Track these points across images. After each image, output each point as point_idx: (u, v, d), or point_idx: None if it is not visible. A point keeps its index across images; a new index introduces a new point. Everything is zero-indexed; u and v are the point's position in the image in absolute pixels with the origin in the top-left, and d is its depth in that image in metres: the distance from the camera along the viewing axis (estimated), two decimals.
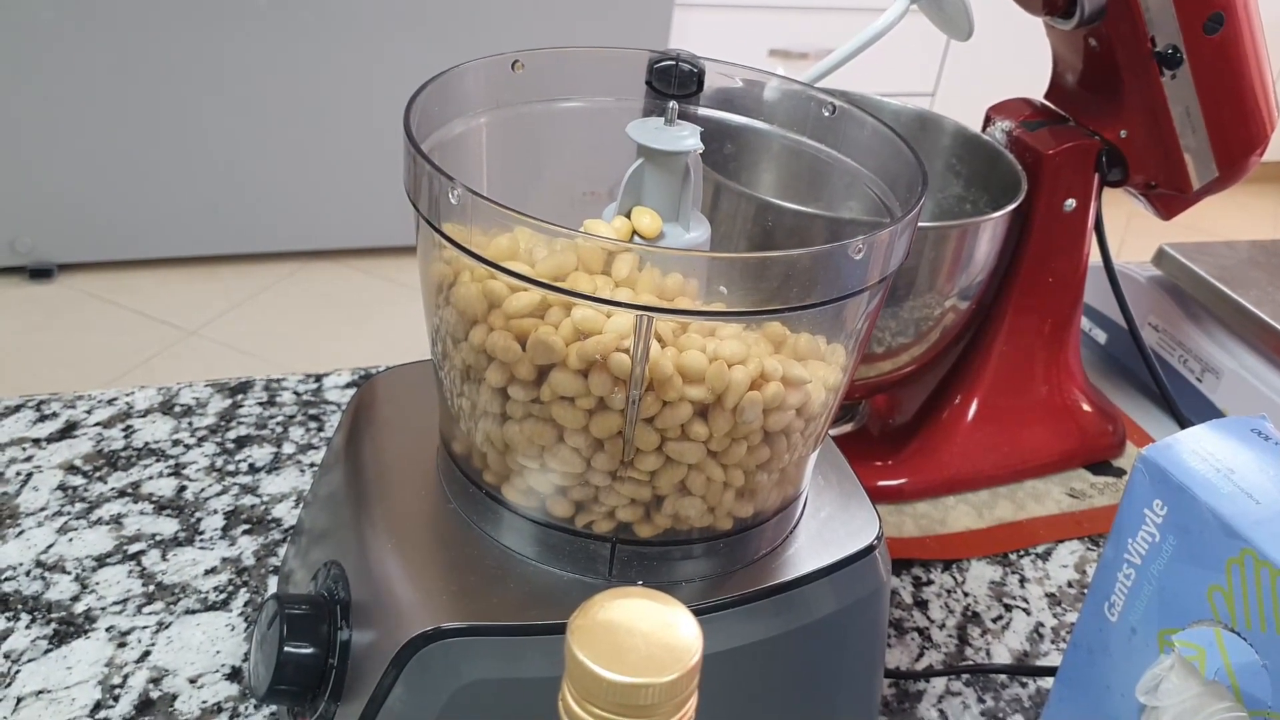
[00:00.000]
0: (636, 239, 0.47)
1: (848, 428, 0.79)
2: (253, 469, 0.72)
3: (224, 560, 0.65)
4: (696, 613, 0.47)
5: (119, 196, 2.44)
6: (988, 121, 0.77)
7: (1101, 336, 0.95)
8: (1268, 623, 0.43)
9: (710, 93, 0.55)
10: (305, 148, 2.50)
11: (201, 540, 0.66)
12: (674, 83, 0.54)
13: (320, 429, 0.76)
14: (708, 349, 0.43)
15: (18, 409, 0.74)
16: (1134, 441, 0.83)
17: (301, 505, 0.68)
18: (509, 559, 0.48)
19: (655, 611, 0.27)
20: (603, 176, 0.54)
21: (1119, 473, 0.80)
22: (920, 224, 0.66)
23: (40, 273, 2.47)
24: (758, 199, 0.63)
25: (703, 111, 0.55)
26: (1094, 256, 0.78)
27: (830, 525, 0.52)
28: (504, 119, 0.51)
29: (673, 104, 0.48)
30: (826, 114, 0.53)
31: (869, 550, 0.51)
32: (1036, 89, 0.79)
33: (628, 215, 0.48)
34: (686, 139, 0.47)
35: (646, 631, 0.26)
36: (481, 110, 0.51)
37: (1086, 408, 0.80)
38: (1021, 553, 0.73)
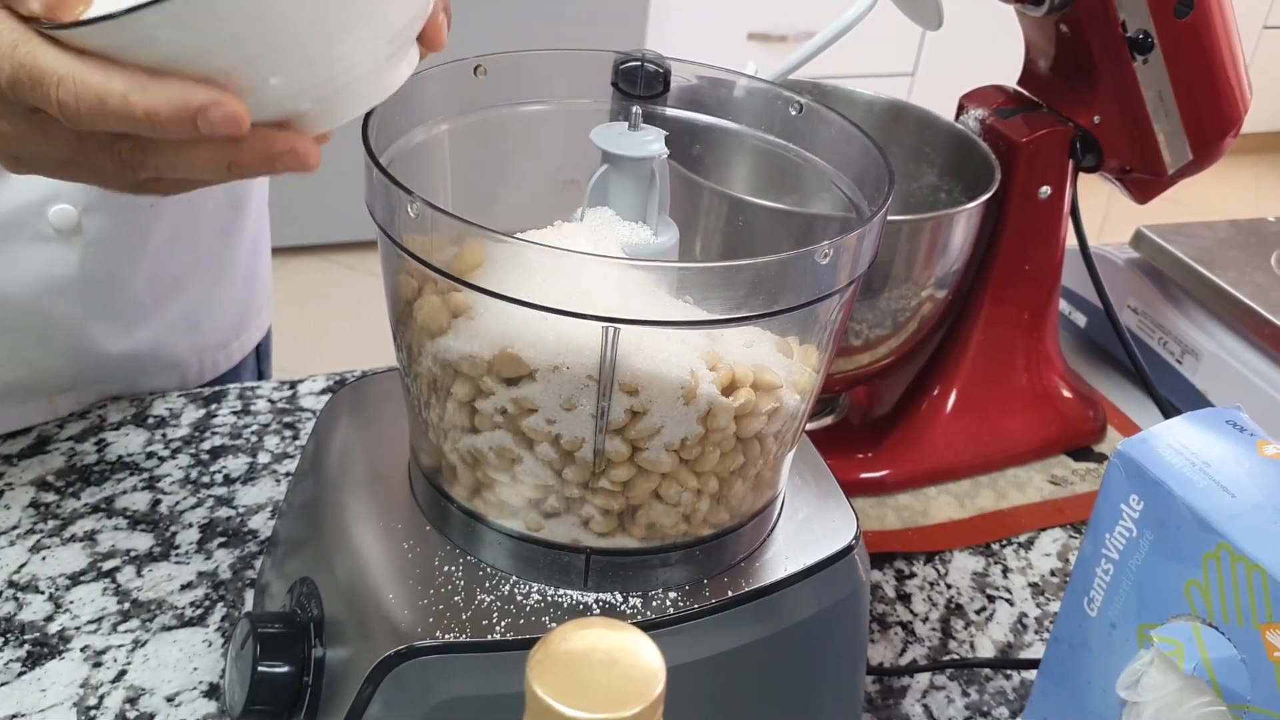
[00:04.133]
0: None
1: (828, 420, 0.79)
2: (228, 480, 0.71)
3: (200, 575, 0.65)
4: (675, 621, 0.47)
5: None
6: (961, 109, 0.76)
7: (1081, 320, 0.95)
8: (1245, 617, 0.43)
9: (677, 92, 0.55)
10: None
11: (177, 555, 0.66)
12: (640, 84, 0.54)
13: (295, 437, 0.75)
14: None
15: None
16: (1114, 426, 0.83)
17: (276, 516, 0.68)
18: (483, 573, 0.47)
19: (617, 641, 0.27)
20: (572, 176, 0.53)
21: (1100, 458, 0.80)
22: (893, 217, 0.65)
23: None
24: (730, 196, 0.63)
25: (670, 112, 0.55)
26: (1071, 240, 0.78)
27: (808, 526, 0.52)
28: (468, 125, 0.51)
29: (636, 109, 0.47)
30: (794, 112, 0.52)
31: (847, 550, 0.51)
32: (1011, 73, 0.79)
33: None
34: (651, 144, 0.47)
35: (608, 663, 0.26)
36: (444, 117, 0.50)
37: (1067, 394, 0.80)
38: (1004, 542, 0.72)
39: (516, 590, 0.47)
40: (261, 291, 0.89)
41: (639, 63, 0.53)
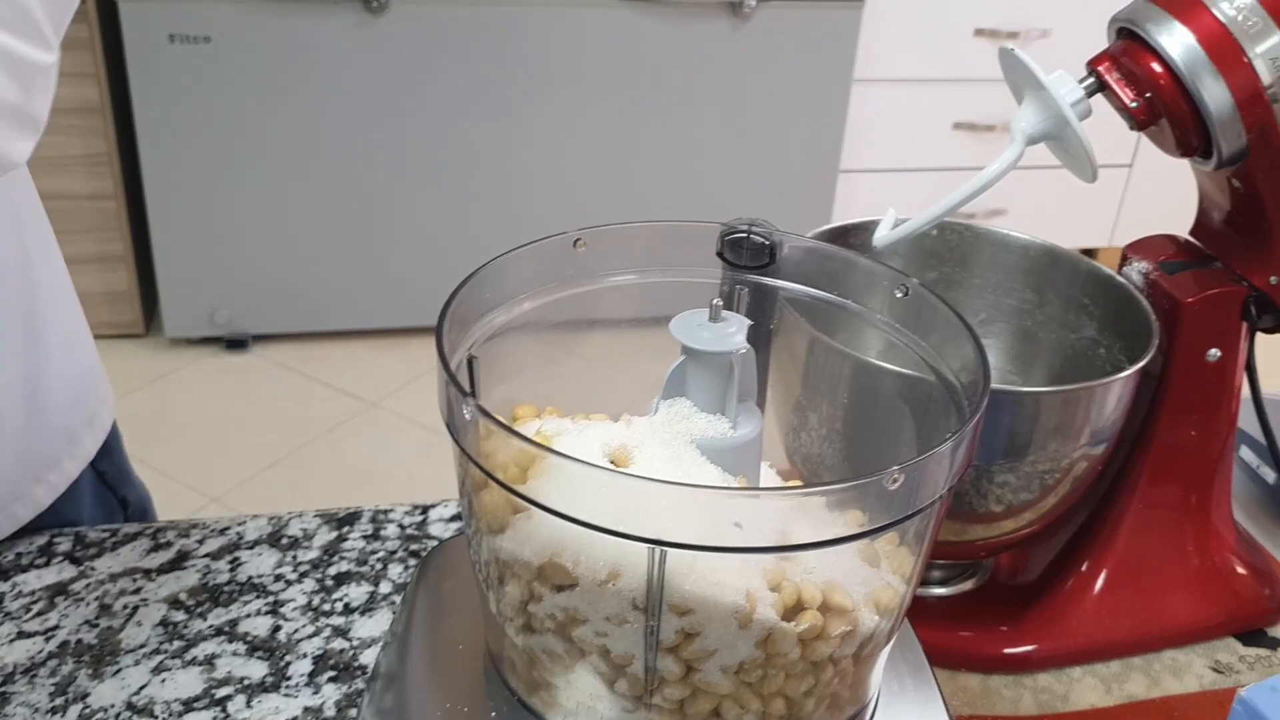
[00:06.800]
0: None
1: (968, 586, 0.74)
2: (347, 609, 0.72)
3: (305, 710, 0.65)
4: None
5: (309, 272, 2.55)
6: (1124, 260, 0.71)
7: (1270, 476, 0.87)
8: None
9: (785, 264, 0.53)
10: (483, 223, 2.56)
11: (287, 686, 0.66)
12: (745, 254, 0.52)
13: None
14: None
15: (135, 537, 0.77)
16: None
17: (381, 647, 0.68)
18: None
19: None
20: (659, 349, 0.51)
21: (1275, 644, 0.72)
22: (1035, 388, 0.61)
23: (235, 343, 2.60)
24: (851, 356, 0.60)
25: (777, 283, 0.52)
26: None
27: None
28: (559, 300, 0.50)
29: (716, 301, 0.45)
30: (899, 295, 0.49)
31: None
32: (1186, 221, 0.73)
33: None
34: (732, 336, 0.44)
35: None
36: (533, 292, 0.49)
37: (1239, 569, 0.73)
38: None
39: None
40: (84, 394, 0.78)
41: (745, 233, 0.51)
